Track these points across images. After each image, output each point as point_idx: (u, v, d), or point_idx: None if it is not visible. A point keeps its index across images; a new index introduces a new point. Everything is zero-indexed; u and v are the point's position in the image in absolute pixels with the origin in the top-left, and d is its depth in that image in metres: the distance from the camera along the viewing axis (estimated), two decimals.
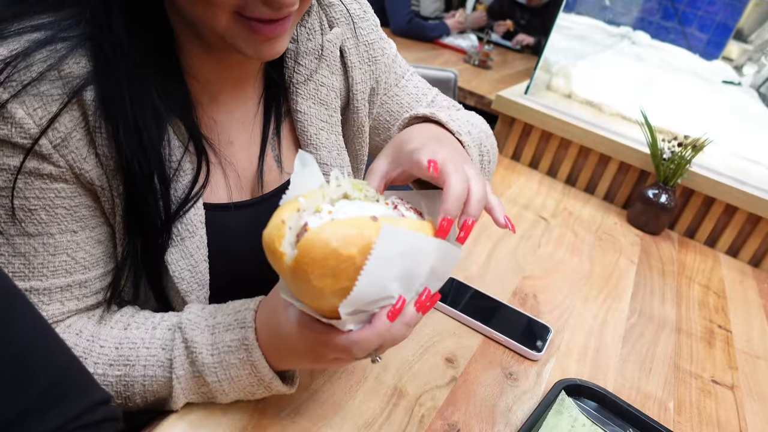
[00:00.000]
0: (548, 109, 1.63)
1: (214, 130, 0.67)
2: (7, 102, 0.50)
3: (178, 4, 0.54)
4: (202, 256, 0.65)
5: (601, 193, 1.60)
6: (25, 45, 0.52)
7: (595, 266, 1.21)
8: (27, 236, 0.56)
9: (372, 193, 0.55)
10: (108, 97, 0.54)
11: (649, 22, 4.55)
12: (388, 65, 0.83)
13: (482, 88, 2.42)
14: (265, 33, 0.54)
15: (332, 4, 0.76)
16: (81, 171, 0.56)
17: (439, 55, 2.90)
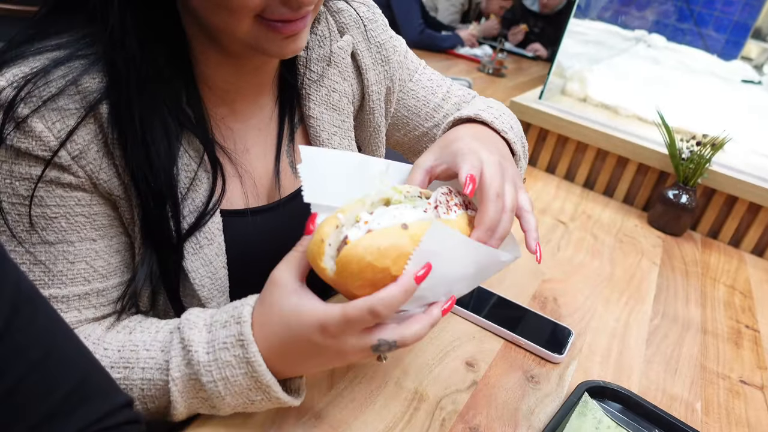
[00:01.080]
0: (563, 113, 1.62)
1: (231, 138, 0.68)
2: (28, 117, 0.52)
3: (198, 13, 0.56)
4: (221, 263, 0.66)
5: (620, 196, 1.58)
6: (44, 63, 0.54)
7: (616, 269, 1.19)
8: (47, 244, 0.57)
9: (414, 192, 0.55)
10: (119, 112, 0.56)
11: (664, 24, 4.52)
12: (401, 62, 0.84)
13: (497, 96, 2.41)
14: (285, 31, 0.56)
15: (341, 10, 0.77)
16: (99, 181, 0.57)
17: (453, 65, 2.91)
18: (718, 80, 2.75)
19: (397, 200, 0.53)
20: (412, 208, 0.53)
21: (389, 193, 0.54)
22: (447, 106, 0.87)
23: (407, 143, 0.88)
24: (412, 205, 0.53)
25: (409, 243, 0.48)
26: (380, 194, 0.53)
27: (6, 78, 0.53)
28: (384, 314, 0.48)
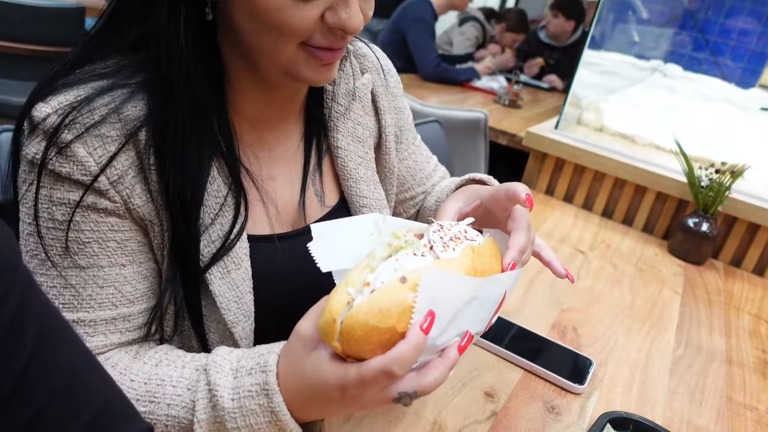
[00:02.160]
0: (580, 143, 1.63)
1: (257, 165, 0.71)
2: (71, 142, 0.55)
3: (243, 36, 0.59)
4: (247, 287, 0.67)
5: (639, 225, 1.57)
6: (89, 91, 0.57)
7: (637, 298, 1.18)
8: (79, 269, 0.59)
9: (411, 237, 0.55)
10: (159, 135, 0.59)
11: (680, 54, 4.53)
12: (408, 123, 0.89)
13: (514, 127, 2.43)
14: (325, 59, 0.60)
15: (365, 55, 0.81)
16: (133, 206, 0.59)
17: (469, 97, 2.94)
18: (736, 108, 2.73)
19: (398, 246, 0.54)
20: (412, 254, 0.53)
21: (390, 241, 0.54)
22: (435, 176, 0.94)
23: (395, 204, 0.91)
24: (412, 251, 0.53)
25: (409, 295, 0.48)
26: (382, 246, 0.53)
27: (51, 105, 0.56)
28: (399, 373, 0.48)
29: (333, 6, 0.56)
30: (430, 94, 2.77)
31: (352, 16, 0.57)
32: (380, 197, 0.81)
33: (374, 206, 0.79)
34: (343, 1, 0.56)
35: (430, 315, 0.49)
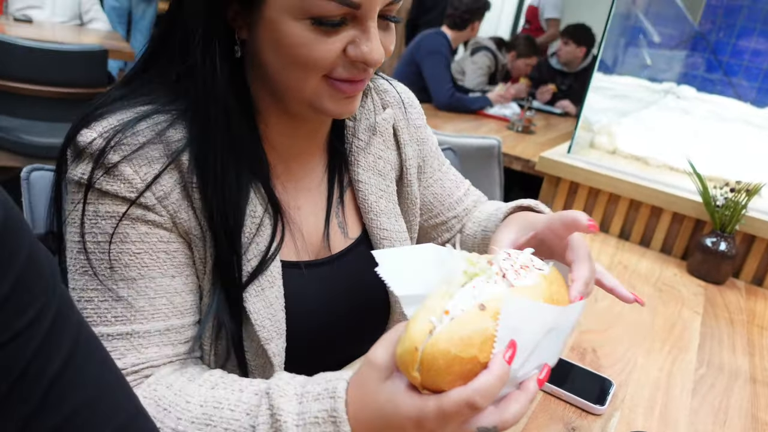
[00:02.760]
0: (593, 166, 1.64)
1: (285, 194, 0.73)
2: (118, 163, 0.58)
3: (269, 70, 0.63)
4: (279, 305, 0.69)
5: (657, 246, 1.57)
6: (132, 116, 0.61)
7: (657, 318, 1.18)
8: (129, 280, 0.61)
9: (484, 264, 0.54)
10: (201, 161, 0.62)
11: (693, 76, 4.54)
12: (432, 151, 0.91)
13: (527, 152, 2.45)
14: (347, 91, 0.63)
15: (386, 90, 0.84)
16: (179, 221, 0.62)
17: (483, 124, 2.97)
18: (752, 127, 2.73)
19: (474, 273, 0.53)
20: (486, 280, 0.52)
21: (465, 268, 0.53)
22: (467, 201, 0.94)
23: (425, 229, 0.93)
24: (486, 277, 0.53)
25: (490, 324, 0.47)
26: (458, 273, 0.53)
27: (96, 130, 0.59)
28: (482, 405, 0.46)
29: (354, 40, 0.59)
30: (444, 122, 2.80)
31: (373, 49, 0.59)
32: (401, 230, 0.82)
33: (395, 239, 0.80)
34: (364, 35, 0.59)
35: (512, 345, 0.48)
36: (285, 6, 0.57)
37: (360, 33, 0.59)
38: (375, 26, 0.60)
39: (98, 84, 2.61)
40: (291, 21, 0.57)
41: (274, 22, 0.58)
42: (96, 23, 3.38)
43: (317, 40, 0.58)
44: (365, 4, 0.57)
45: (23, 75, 2.45)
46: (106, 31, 3.41)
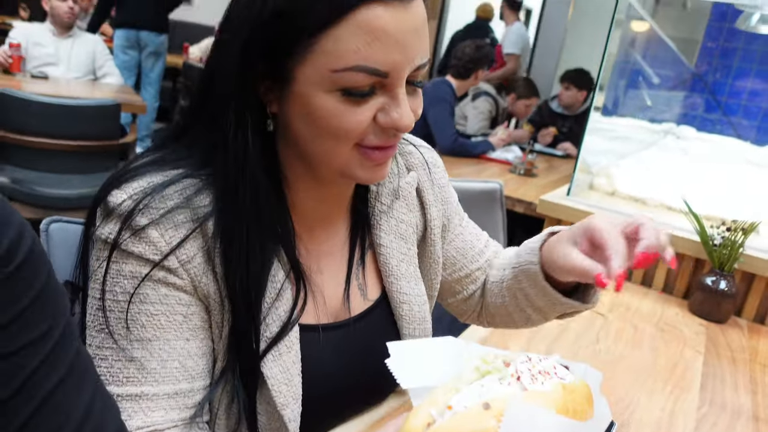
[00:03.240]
0: (592, 208, 1.67)
1: (307, 258, 0.74)
2: (145, 226, 0.60)
3: (299, 142, 0.64)
4: (296, 370, 0.69)
5: (659, 285, 1.59)
6: (162, 178, 0.63)
7: (659, 358, 1.19)
8: (145, 341, 0.62)
9: (499, 364, 0.55)
10: (226, 230, 0.63)
11: (692, 116, 4.62)
12: (455, 208, 0.92)
13: (530, 195, 2.50)
14: (377, 158, 0.64)
15: (410, 153, 0.85)
16: (200, 285, 0.63)
17: (485, 168, 3.03)
18: (753, 166, 2.76)
19: (486, 371, 0.54)
20: (498, 380, 0.52)
21: (478, 365, 0.54)
22: (488, 252, 0.94)
23: (449, 283, 0.92)
24: (499, 376, 0.53)
25: (491, 424, 0.47)
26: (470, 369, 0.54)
27: (126, 191, 0.61)
28: None
29: (384, 107, 0.61)
30: (447, 167, 2.83)
31: (403, 115, 0.61)
32: (420, 293, 0.82)
33: (414, 302, 0.81)
34: (393, 102, 0.61)
35: None
36: (315, 80, 0.58)
37: (389, 100, 0.61)
38: (404, 92, 0.61)
39: (111, 137, 2.70)
40: (321, 94, 0.59)
41: (304, 96, 0.60)
42: (109, 78, 3.51)
43: (348, 110, 0.59)
44: (393, 72, 0.59)
45: (39, 129, 2.54)
46: (119, 85, 3.53)
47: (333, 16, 0.56)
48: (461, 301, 0.93)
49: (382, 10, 0.56)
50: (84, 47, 3.41)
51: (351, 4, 0.55)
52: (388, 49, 0.57)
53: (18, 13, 7.68)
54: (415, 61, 0.60)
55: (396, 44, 0.58)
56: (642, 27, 3.48)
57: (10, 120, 2.54)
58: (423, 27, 0.61)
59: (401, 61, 0.58)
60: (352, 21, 0.56)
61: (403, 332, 0.81)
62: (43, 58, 3.28)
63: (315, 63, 0.58)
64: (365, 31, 0.56)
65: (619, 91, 4.05)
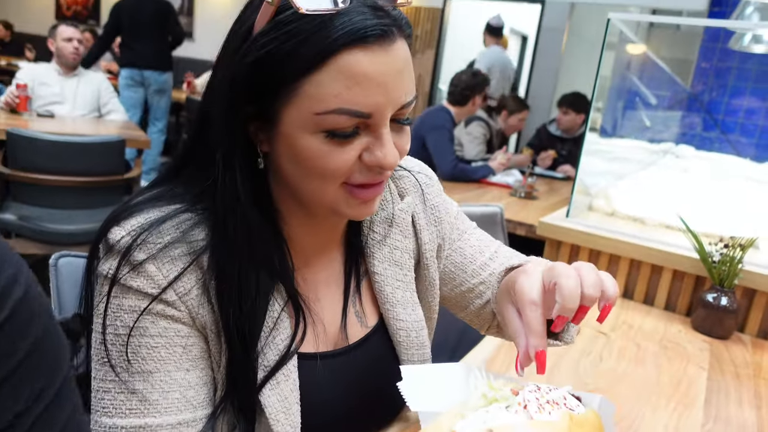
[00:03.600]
0: (592, 228, 1.69)
1: (305, 287, 0.76)
2: (143, 261, 0.62)
3: (289, 181, 0.66)
4: (294, 399, 0.70)
5: (660, 303, 1.60)
6: (159, 215, 0.65)
7: (662, 375, 1.20)
8: (146, 373, 0.63)
9: (507, 392, 0.56)
10: (218, 265, 0.65)
11: (691, 135, 4.66)
12: (451, 223, 0.91)
13: (531, 218, 2.51)
14: (364, 196, 0.65)
15: (402, 176, 0.86)
16: (198, 317, 0.65)
17: (486, 192, 3.06)
18: (753, 182, 2.78)
19: (493, 398, 0.55)
20: (505, 408, 0.53)
21: (485, 392, 0.55)
22: (493, 265, 0.91)
23: (453, 298, 0.92)
24: (506, 404, 0.54)
25: None
26: (477, 396, 0.55)
27: (126, 228, 0.63)
28: None
29: (369, 147, 0.62)
30: (449, 192, 2.85)
31: (387, 154, 0.62)
32: (417, 318, 0.83)
33: (411, 328, 0.81)
34: (378, 142, 0.62)
35: None
36: (299, 122, 0.60)
37: (374, 139, 0.62)
38: (388, 132, 0.62)
39: (116, 172, 2.74)
40: (306, 135, 0.61)
41: (290, 137, 0.62)
42: (114, 114, 3.58)
43: (333, 151, 0.61)
44: (375, 113, 0.60)
45: (46, 167, 2.59)
46: (123, 121, 3.60)
47: (314, 62, 0.57)
48: (473, 314, 0.91)
49: (361, 55, 0.58)
50: (89, 85, 3.48)
51: (331, 50, 0.57)
52: (370, 91, 0.59)
53: (24, 54, 7.85)
54: (399, 101, 0.62)
55: (377, 87, 0.59)
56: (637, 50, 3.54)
57: (18, 158, 2.59)
58: (405, 68, 0.62)
59: (383, 102, 0.60)
60: (332, 66, 0.58)
61: (402, 358, 0.81)
62: (49, 97, 3.36)
63: (299, 106, 0.60)
64: (346, 75, 0.58)
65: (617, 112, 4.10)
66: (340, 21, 0.57)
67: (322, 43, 0.57)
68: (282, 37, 0.58)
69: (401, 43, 0.61)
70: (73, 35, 3.30)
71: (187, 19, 7.61)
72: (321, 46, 0.57)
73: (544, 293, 0.63)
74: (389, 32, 0.59)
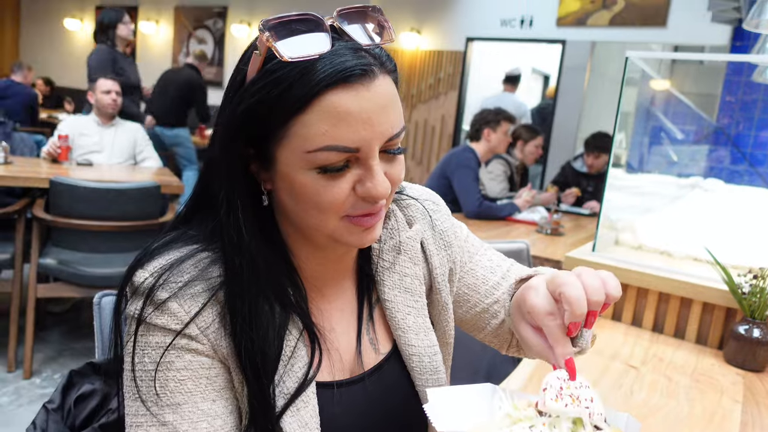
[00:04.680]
0: (619, 262, 1.69)
1: (320, 317, 0.79)
2: (166, 300, 0.66)
3: (291, 215, 0.71)
4: (315, 425, 0.72)
5: (692, 336, 1.58)
6: (179, 255, 0.69)
7: (695, 408, 1.18)
8: (174, 406, 0.67)
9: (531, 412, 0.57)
10: (232, 299, 0.69)
11: (719, 169, 4.62)
12: (461, 246, 0.93)
13: (557, 254, 2.52)
14: (365, 224, 0.68)
15: (410, 205, 0.89)
16: (219, 348, 0.69)
17: (512, 230, 3.07)
18: None
19: (517, 418, 0.56)
20: (529, 428, 0.54)
21: (510, 412, 0.57)
22: (506, 284, 0.92)
23: (469, 320, 0.94)
24: (529, 424, 0.55)
25: None
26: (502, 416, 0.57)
27: (148, 270, 0.68)
28: None
29: (360, 179, 0.65)
30: (474, 230, 2.88)
31: (377, 184, 0.65)
32: (431, 344, 0.84)
33: (423, 354, 0.83)
34: (368, 174, 0.65)
35: None
36: (293, 160, 0.64)
37: (364, 172, 0.65)
38: (377, 163, 0.65)
39: (152, 216, 2.84)
40: (301, 172, 0.64)
41: (287, 175, 0.66)
42: (148, 161, 3.72)
43: (326, 185, 0.64)
44: (363, 147, 0.63)
45: (85, 212, 2.69)
46: (157, 167, 3.73)
47: (300, 104, 0.61)
48: (491, 334, 0.92)
49: (344, 94, 0.61)
50: (125, 134, 3.64)
51: (314, 92, 0.61)
52: (355, 127, 0.62)
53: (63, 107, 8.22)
54: (386, 134, 0.65)
55: (362, 122, 0.62)
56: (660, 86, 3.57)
57: (59, 205, 2.70)
58: (390, 102, 0.65)
59: (369, 137, 0.63)
60: (317, 107, 0.61)
61: (416, 383, 0.83)
62: (89, 147, 3.51)
63: (291, 146, 0.64)
64: (331, 114, 0.61)
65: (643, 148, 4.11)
66: (322, 64, 0.61)
67: (307, 86, 0.61)
68: (270, 84, 0.62)
69: (383, 78, 0.65)
70: (112, 87, 3.47)
71: (217, 69, 7.91)
72: (305, 89, 0.61)
73: None
74: (369, 71, 0.63)
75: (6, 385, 2.67)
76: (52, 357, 2.95)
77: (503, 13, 5.79)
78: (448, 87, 6.29)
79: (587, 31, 5.22)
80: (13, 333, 2.77)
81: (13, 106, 5.95)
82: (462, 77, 6.22)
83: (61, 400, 0.84)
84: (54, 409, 0.83)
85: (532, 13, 5.58)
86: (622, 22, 4.97)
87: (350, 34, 0.65)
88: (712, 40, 4.43)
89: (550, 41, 5.60)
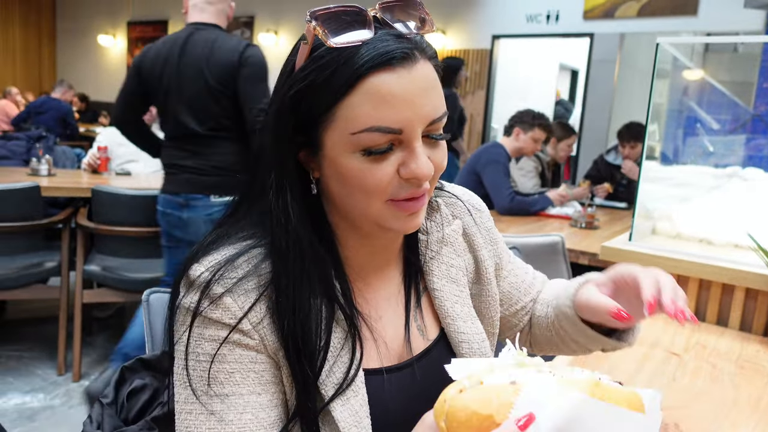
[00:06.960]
0: (656, 251, 1.68)
1: (367, 307, 0.81)
2: (221, 295, 0.69)
3: (336, 198, 0.73)
4: (364, 412, 0.74)
5: (735, 323, 1.55)
6: (233, 251, 0.72)
7: (741, 393, 1.17)
8: (223, 396, 0.69)
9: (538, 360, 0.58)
10: (281, 295, 0.71)
11: (759, 158, 4.49)
12: (503, 248, 0.99)
13: (594, 247, 2.49)
14: (409, 208, 0.70)
15: (454, 203, 0.93)
16: (269, 343, 0.71)
17: (546, 224, 3.05)
18: None
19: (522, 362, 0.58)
20: (536, 372, 0.55)
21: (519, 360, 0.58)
22: (537, 284, 1.02)
23: (507, 318, 0.98)
24: (536, 369, 0.56)
25: (513, 393, 0.51)
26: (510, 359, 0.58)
27: (204, 264, 0.71)
28: None
29: (404, 161, 0.67)
30: (508, 226, 2.90)
31: (420, 165, 0.67)
32: (478, 331, 0.86)
33: (473, 340, 0.85)
34: (411, 156, 0.67)
35: (529, 416, 0.51)
36: (339, 144, 0.67)
37: (407, 154, 0.67)
38: (420, 145, 0.67)
39: None
40: (347, 155, 0.67)
41: (333, 159, 0.68)
42: None
43: (371, 167, 0.67)
44: (406, 128, 0.66)
45: (126, 219, 2.78)
46: None
47: (345, 87, 0.64)
48: (517, 331, 0.99)
49: (387, 76, 0.64)
50: None
51: (358, 75, 0.64)
52: (398, 109, 0.65)
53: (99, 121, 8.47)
54: (428, 117, 0.67)
55: (404, 103, 0.65)
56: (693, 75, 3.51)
57: (101, 213, 2.79)
58: (430, 85, 0.68)
59: (412, 118, 0.65)
60: (361, 89, 0.64)
61: None
62: (126, 156, 3.61)
63: (337, 129, 0.66)
64: (374, 96, 0.64)
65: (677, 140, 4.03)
66: (365, 49, 0.64)
67: (351, 69, 0.64)
68: (317, 70, 0.65)
69: (424, 63, 0.67)
70: None
71: None
72: (350, 73, 0.64)
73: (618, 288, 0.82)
74: (411, 54, 0.66)
75: (57, 387, 2.77)
76: (98, 360, 3.04)
77: (529, 9, 5.76)
78: (475, 86, 6.28)
79: (615, 23, 5.16)
80: (62, 338, 2.87)
81: (47, 121, 6.17)
82: (489, 75, 6.20)
83: (114, 394, 0.87)
84: (108, 403, 0.86)
85: (558, 7, 5.53)
86: (652, 12, 4.90)
87: (391, 23, 0.68)
88: (746, 26, 4.33)
89: (577, 35, 5.55)
